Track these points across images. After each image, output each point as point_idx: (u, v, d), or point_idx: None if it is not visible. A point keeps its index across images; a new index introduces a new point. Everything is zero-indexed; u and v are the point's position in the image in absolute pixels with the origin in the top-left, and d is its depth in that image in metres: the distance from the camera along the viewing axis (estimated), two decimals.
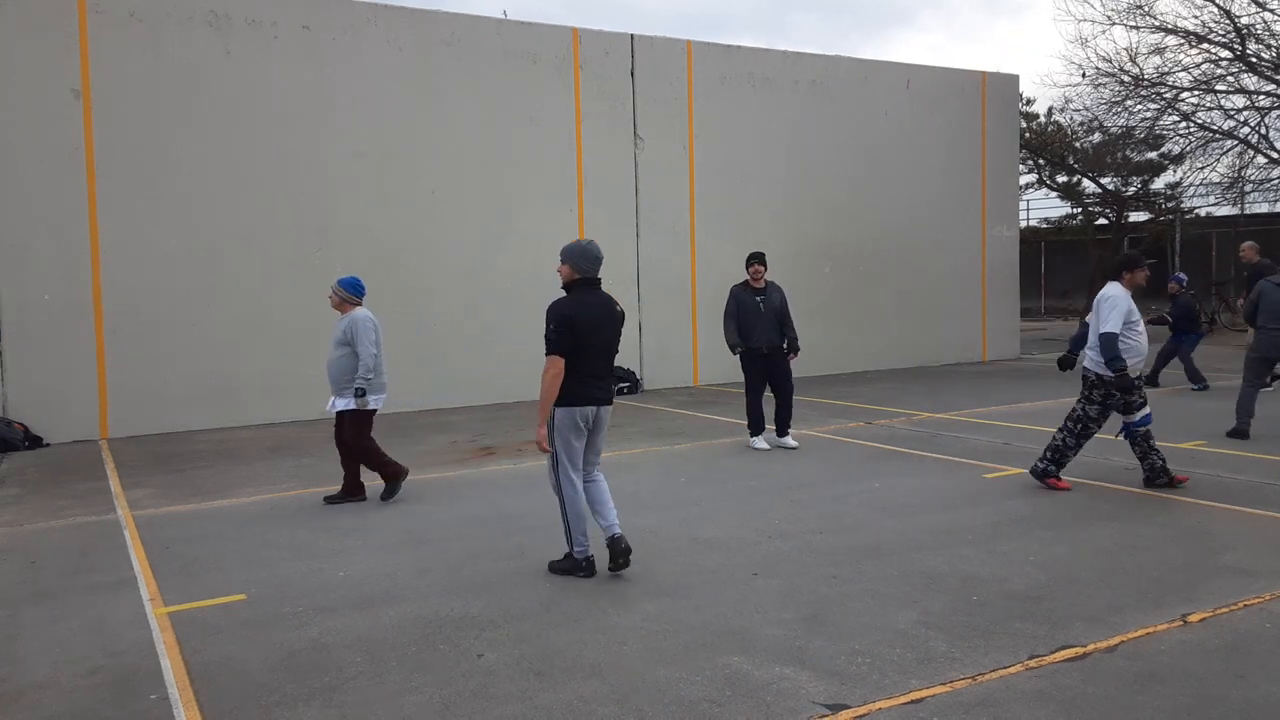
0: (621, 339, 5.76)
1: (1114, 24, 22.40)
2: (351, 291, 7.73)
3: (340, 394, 7.61)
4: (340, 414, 7.69)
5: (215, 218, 12.10)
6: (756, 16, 76.20)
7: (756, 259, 9.81)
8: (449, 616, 5.06)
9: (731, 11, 75.44)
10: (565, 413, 5.51)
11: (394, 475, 7.79)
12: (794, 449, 9.65)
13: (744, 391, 9.94)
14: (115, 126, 11.56)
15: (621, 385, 14.52)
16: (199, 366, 11.99)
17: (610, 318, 5.64)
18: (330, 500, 7.83)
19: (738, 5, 74.77)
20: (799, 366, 16.47)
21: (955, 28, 70.10)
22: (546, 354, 5.43)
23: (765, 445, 9.72)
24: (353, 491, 7.81)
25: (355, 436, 7.65)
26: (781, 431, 9.83)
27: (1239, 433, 9.75)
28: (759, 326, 9.64)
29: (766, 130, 16.06)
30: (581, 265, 5.63)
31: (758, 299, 9.68)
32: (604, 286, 5.76)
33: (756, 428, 9.82)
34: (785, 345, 9.78)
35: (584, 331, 5.47)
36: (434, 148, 13.42)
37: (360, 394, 7.53)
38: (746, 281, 9.81)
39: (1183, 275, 14.65)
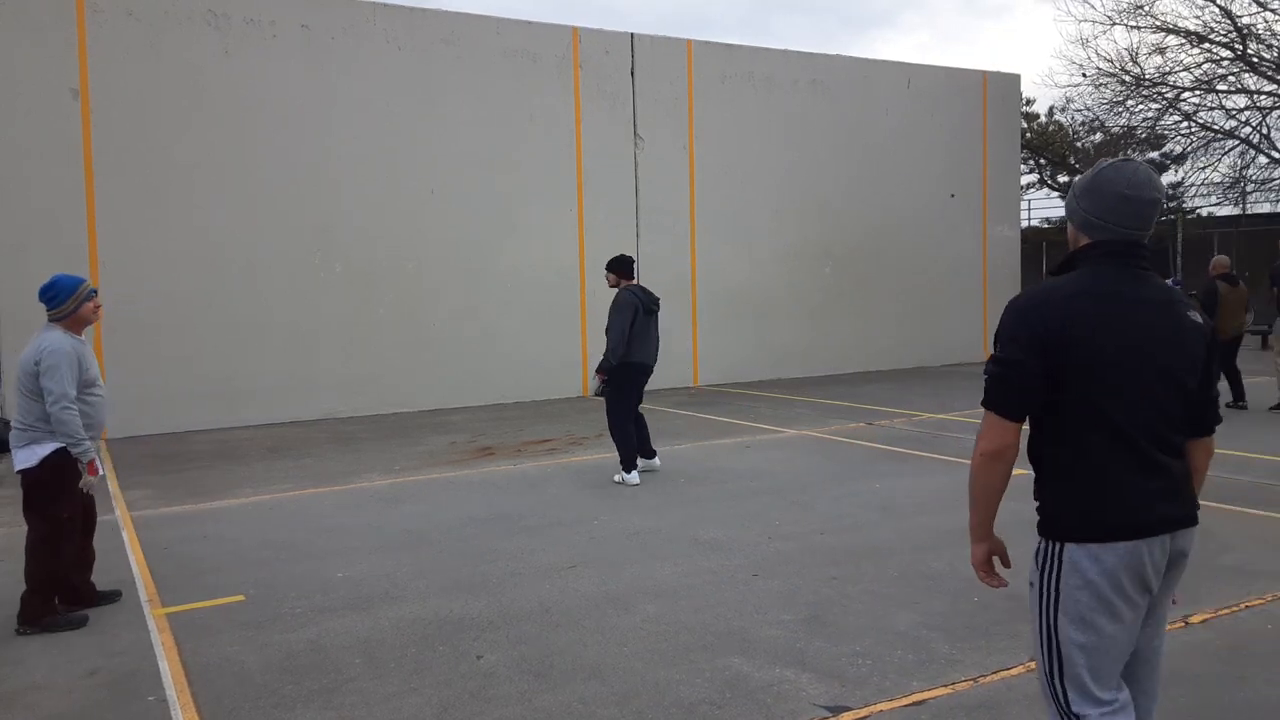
0: None
1: (1115, 24, 22.39)
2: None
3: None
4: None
5: (215, 217, 12.09)
6: (739, 19, 76.16)
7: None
8: (448, 618, 5.04)
9: (714, 14, 75.41)
10: (1092, 558, 2.48)
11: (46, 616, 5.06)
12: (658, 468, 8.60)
13: (611, 415, 8.30)
14: (114, 126, 11.54)
15: None
16: (198, 367, 11.97)
17: (1171, 333, 2.53)
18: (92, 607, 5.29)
19: (720, 7, 74.73)
20: (798, 365, 16.63)
21: (938, 28, 70.11)
22: (983, 404, 2.58)
23: (638, 479, 8.29)
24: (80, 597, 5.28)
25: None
26: (652, 453, 8.65)
27: None
28: (653, 339, 8.41)
29: (766, 130, 16.04)
30: (1104, 213, 2.55)
31: (654, 308, 8.43)
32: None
33: (634, 460, 8.29)
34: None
35: (1100, 358, 2.46)
36: (434, 147, 13.40)
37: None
38: (639, 285, 8.51)
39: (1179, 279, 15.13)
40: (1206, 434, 2.66)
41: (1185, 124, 23.18)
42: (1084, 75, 22.61)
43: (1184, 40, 21.53)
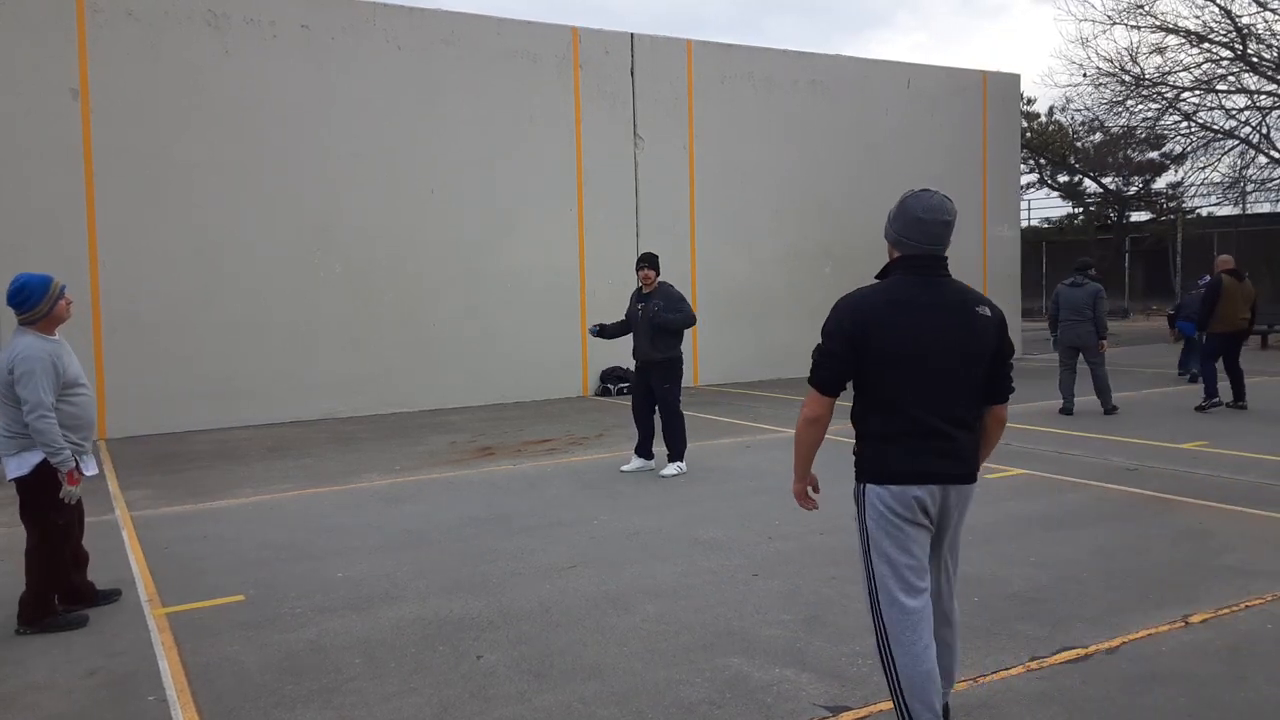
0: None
1: (1115, 24, 22.40)
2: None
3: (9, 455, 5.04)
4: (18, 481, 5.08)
5: (214, 218, 12.09)
6: (733, 20, 76.18)
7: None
8: (448, 617, 5.04)
9: (708, 15, 75.45)
10: (881, 495, 3.30)
11: (40, 615, 5.04)
12: (668, 476, 8.47)
13: (674, 408, 8.61)
14: (114, 126, 11.54)
15: (622, 385, 14.45)
16: (198, 367, 11.97)
17: (960, 327, 3.25)
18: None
19: (714, 8, 74.79)
20: (798, 365, 16.56)
21: (934, 29, 70.26)
22: (809, 381, 3.39)
23: (629, 467, 8.71)
24: (78, 597, 5.30)
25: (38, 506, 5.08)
26: (651, 455, 8.77)
27: (1066, 410, 11.48)
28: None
29: (766, 130, 16.04)
30: (907, 233, 3.31)
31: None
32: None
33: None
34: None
35: (893, 350, 3.21)
36: (434, 147, 13.40)
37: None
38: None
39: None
40: (1000, 401, 3.39)
41: (1185, 124, 23.19)
42: (1084, 75, 22.65)
43: (1184, 40, 21.54)
